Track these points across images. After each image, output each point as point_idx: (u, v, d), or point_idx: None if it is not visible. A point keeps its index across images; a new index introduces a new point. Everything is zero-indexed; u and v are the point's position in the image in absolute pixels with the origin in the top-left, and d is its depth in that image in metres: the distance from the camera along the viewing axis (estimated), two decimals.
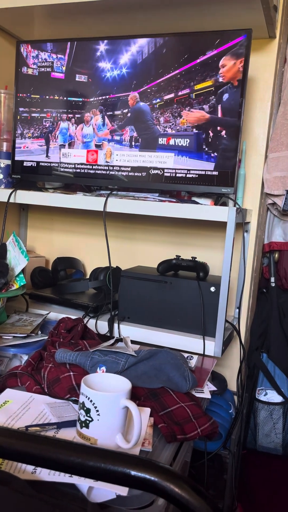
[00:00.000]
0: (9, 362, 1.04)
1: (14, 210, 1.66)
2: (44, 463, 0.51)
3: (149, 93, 1.23)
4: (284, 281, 1.50)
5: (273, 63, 1.36)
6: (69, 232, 1.66)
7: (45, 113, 1.34)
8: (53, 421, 0.77)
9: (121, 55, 1.25)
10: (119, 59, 1.25)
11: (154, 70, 1.22)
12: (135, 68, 1.24)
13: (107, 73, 1.27)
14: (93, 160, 1.30)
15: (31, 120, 1.36)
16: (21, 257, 1.15)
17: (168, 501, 0.47)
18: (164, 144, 1.23)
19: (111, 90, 1.27)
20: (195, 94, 1.19)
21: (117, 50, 1.25)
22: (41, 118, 1.35)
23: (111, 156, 1.28)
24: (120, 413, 0.71)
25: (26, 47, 1.35)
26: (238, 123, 1.15)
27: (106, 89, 1.28)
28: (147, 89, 1.23)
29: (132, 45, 1.23)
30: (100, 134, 1.29)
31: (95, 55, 1.28)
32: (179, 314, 1.21)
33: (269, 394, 1.44)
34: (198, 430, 0.80)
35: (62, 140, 1.31)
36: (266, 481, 1.50)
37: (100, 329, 1.25)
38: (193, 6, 1.18)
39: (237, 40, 1.14)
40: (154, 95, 1.23)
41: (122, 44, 1.24)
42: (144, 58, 1.23)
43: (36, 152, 1.36)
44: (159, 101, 1.22)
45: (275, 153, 1.37)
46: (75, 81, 1.31)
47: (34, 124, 1.36)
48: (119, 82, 1.26)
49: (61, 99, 1.32)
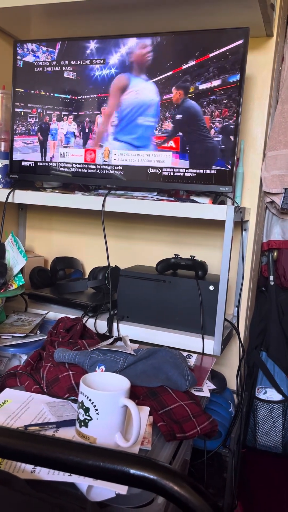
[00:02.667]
0: (8, 362, 1.04)
1: (13, 210, 1.66)
2: (44, 462, 0.51)
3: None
4: (283, 279, 1.50)
5: (270, 62, 1.36)
6: (67, 232, 1.66)
7: (48, 110, 1.34)
8: (52, 420, 0.77)
9: (111, 55, 1.25)
10: (109, 59, 1.25)
11: (153, 69, 1.22)
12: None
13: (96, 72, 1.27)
14: (91, 160, 1.30)
15: (37, 119, 1.36)
16: (19, 257, 1.15)
17: (168, 499, 0.47)
18: (161, 144, 1.23)
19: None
20: (194, 94, 1.19)
21: (107, 50, 1.25)
22: (43, 116, 1.35)
23: (109, 155, 1.28)
24: (119, 412, 0.71)
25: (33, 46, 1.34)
26: (236, 122, 1.15)
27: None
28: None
29: (122, 46, 1.23)
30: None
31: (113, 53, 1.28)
32: (178, 313, 1.21)
33: (269, 393, 1.44)
34: (197, 428, 0.80)
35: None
36: (266, 480, 1.50)
37: (99, 329, 1.25)
38: (190, 5, 1.18)
39: (234, 39, 1.14)
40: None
41: (112, 44, 1.24)
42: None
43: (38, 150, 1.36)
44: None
45: (273, 152, 1.37)
46: (68, 79, 1.30)
47: (35, 122, 1.36)
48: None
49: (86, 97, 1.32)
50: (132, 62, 1.24)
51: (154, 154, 1.24)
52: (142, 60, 1.23)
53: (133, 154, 1.25)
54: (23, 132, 1.35)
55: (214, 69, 1.16)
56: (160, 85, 1.22)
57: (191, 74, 1.19)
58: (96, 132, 1.29)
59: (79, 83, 1.30)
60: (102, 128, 1.28)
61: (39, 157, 1.35)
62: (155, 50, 1.22)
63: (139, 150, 1.25)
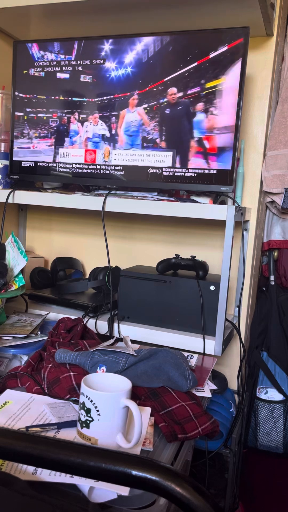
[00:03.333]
0: (9, 363, 1.03)
1: (13, 210, 1.65)
2: (45, 463, 0.51)
3: (154, 92, 1.23)
4: (284, 279, 1.50)
5: (270, 61, 1.35)
6: (68, 232, 1.66)
7: (51, 113, 1.34)
8: (53, 421, 0.77)
9: (126, 54, 1.25)
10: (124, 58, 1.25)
11: (158, 69, 1.22)
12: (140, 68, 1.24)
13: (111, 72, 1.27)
14: (91, 160, 1.30)
15: (37, 120, 1.36)
16: (20, 257, 1.15)
17: (169, 500, 0.47)
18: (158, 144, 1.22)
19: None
20: (193, 94, 1.19)
21: (122, 49, 1.25)
22: (47, 119, 1.34)
23: (109, 155, 1.28)
24: (120, 413, 0.71)
25: (33, 46, 1.33)
26: (236, 121, 1.15)
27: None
28: (152, 89, 1.23)
29: (137, 43, 1.23)
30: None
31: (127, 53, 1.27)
32: (178, 313, 1.21)
33: (270, 393, 1.44)
34: (198, 429, 0.80)
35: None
36: (267, 480, 1.50)
37: (100, 329, 1.25)
38: (191, 5, 1.18)
39: (235, 38, 1.14)
40: (161, 95, 1.23)
41: (127, 43, 1.24)
42: (149, 57, 1.23)
43: (45, 153, 1.35)
44: (165, 100, 1.22)
45: (274, 151, 1.37)
46: (80, 81, 1.30)
47: (41, 124, 1.35)
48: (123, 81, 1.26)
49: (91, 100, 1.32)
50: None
51: (154, 154, 1.23)
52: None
53: (133, 154, 1.25)
54: (45, 136, 1.34)
55: (214, 69, 1.16)
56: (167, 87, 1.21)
57: (191, 73, 1.18)
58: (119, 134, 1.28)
59: (96, 85, 1.29)
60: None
61: (48, 158, 1.35)
62: (155, 52, 1.21)
63: (141, 149, 1.24)
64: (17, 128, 1.37)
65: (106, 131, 1.28)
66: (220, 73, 1.16)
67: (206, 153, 1.19)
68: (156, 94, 1.22)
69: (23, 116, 1.36)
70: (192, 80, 1.18)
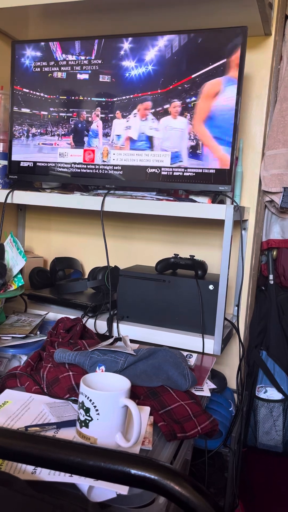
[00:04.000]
0: (8, 363, 1.03)
1: (12, 210, 1.65)
2: (44, 463, 0.51)
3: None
4: (283, 278, 1.50)
5: (269, 60, 1.35)
6: (67, 232, 1.66)
7: (71, 112, 1.33)
8: (52, 421, 0.77)
9: (147, 51, 1.25)
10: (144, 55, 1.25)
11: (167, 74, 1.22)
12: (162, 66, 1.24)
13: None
14: (90, 160, 1.30)
15: (35, 119, 1.36)
16: (19, 257, 1.15)
17: (168, 499, 0.47)
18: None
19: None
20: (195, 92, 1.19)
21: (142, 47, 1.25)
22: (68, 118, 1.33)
23: (108, 155, 1.28)
24: (119, 412, 0.71)
25: (55, 45, 1.31)
26: (234, 121, 1.15)
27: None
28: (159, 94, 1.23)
29: (125, 42, 1.23)
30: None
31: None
32: (178, 313, 1.21)
33: (269, 392, 1.44)
34: (198, 428, 0.80)
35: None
36: (267, 479, 1.50)
37: (99, 329, 1.25)
38: (188, 5, 1.18)
39: (233, 38, 1.14)
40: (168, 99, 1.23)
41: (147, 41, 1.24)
42: (146, 60, 1.23)
43: (44, 152, 1.35)
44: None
45: (272, 151, 1.37)
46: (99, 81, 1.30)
47: (38, 123, 1.35)
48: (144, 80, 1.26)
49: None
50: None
51: (153, 154, 1.23)
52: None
53: (132, 154, 1.25)
54: (66, 134, 1.32)
55: (212, 68, 1.16)
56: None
57: (189, 73, 1.19)
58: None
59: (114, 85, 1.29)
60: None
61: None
62: (151, 53, 1.21)
63: (138, 149, 1.25)
64: (15, 128, 1.37)
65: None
66: (218, 72, 1.16)
67: (205, 152, 1.19)
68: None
69: (21, 115, 1.36)
70: (189, 82, 1.18)
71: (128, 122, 1.25)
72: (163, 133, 1.22)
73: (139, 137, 1.24)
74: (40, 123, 1.34)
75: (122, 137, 1.26)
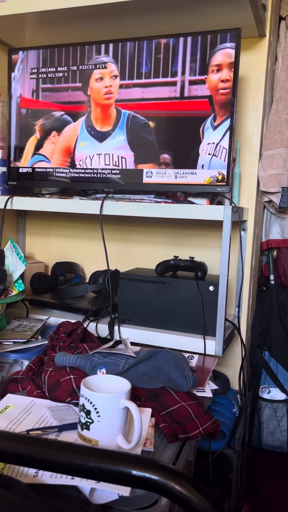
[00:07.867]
0: (10, 368, 1.04)
1: (12, 216, 1.66)
2: (46, 465, 0.51)
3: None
4: (284, 278, 1.50)
5: (264, 62, 1.36)
6: (67, 237, 1.67)
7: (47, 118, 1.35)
8: (54, 424, 0.77)
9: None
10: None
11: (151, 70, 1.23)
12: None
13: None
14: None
15: (31, 125, 1.36)
16: (19, 262, 1.15)
17: (169, 499, 0.47)
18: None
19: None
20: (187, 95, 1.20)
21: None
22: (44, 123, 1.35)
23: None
24: (120, 414, 0.71)
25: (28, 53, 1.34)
26: (231, 122, 1.16)
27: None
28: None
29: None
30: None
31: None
32: (179, 315, 1.21)
33: (273, 392, 1.44)
34: (199, 429, 0.80)
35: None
36: (272, 479, 1.49)
37: (101, 332, 1.25)
38: (183, 7, 1.19)
39: (227, 40, 1.14)
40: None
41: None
42: (141, 60, 1.24)
43: (43, 158, 1.36)
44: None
45: (269, 151, 1.37)
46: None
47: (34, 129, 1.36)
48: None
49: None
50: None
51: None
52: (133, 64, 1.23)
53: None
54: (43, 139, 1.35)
55: (207, 70, 1.17)
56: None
57: (185, 75, 1.19)
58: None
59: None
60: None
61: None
62: (147, 54, 1.22)
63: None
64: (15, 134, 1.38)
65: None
66: (213, 75, 1.16)
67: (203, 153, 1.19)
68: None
69: (19, 122, 1.37)
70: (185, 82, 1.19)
71: None
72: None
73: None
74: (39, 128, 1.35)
75: None
